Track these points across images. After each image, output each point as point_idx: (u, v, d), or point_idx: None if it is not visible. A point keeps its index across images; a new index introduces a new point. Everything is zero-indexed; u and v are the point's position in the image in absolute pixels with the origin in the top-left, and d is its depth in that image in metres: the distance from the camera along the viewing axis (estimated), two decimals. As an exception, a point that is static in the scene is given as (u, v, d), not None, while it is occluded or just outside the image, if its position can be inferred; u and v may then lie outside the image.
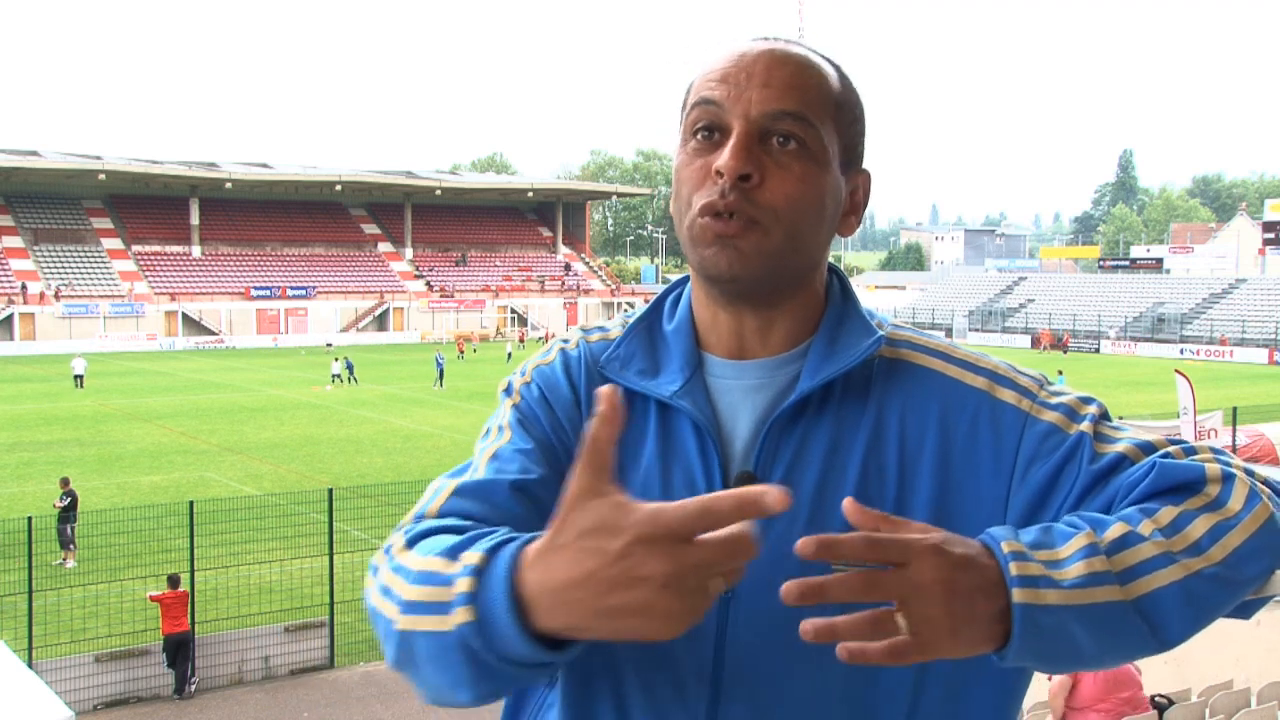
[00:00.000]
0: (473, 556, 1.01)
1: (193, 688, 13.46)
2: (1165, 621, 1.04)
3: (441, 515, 1.19)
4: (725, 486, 1.22)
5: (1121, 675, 6.33)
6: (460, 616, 0.99)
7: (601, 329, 1.39)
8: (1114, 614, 1.02)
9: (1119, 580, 1.03)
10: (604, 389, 0.95)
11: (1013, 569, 1.01)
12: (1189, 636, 1.07)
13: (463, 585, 1.00)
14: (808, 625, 0.96)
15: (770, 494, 0.89)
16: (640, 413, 1.29)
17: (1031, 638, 1.00)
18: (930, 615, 0.97)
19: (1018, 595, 0.99)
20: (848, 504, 0.99)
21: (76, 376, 42.59)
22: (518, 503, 1.21)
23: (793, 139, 1.19)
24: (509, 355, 54.36)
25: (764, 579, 1.18)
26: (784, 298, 1.26)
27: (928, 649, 0.98)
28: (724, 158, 1.18)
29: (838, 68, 1.27)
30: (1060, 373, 37.28)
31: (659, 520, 0.90)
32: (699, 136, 1.22)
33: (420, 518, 1.20)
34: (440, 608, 1.01)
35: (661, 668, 1.22)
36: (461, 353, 56.24)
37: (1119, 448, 1.18)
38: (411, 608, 1.05)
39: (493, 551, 1.00)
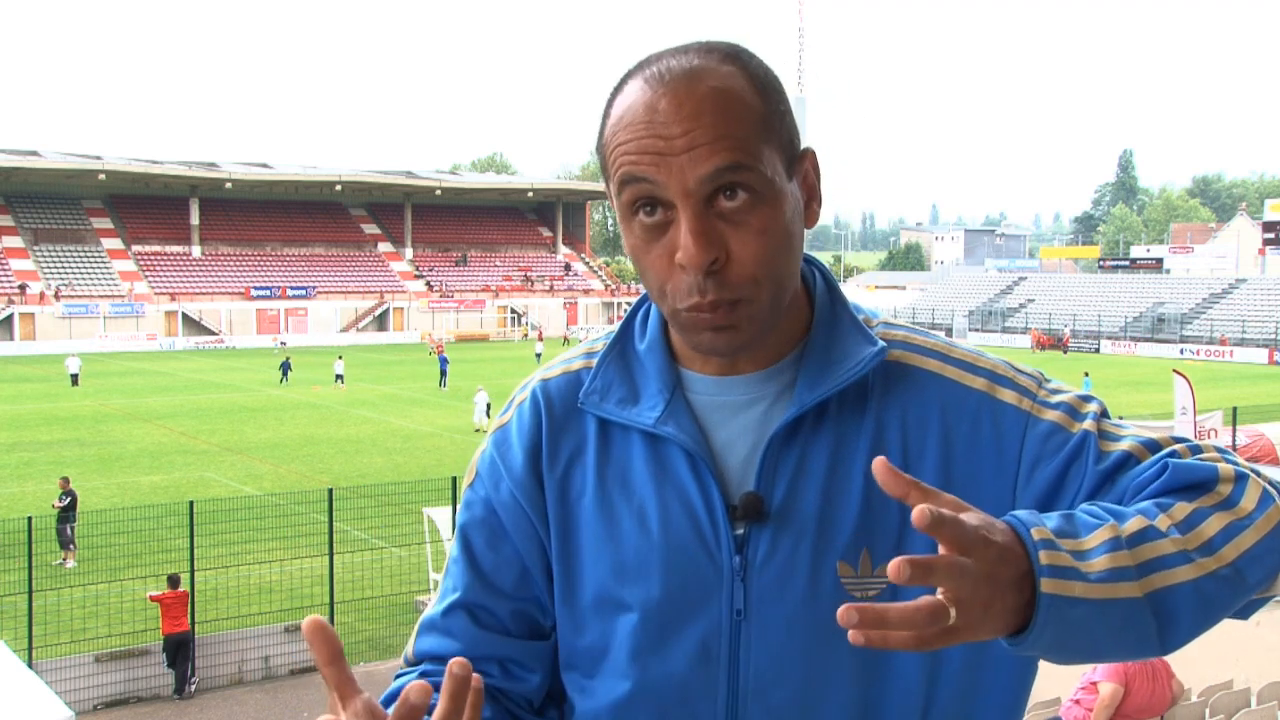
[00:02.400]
0: None
1: (193, 688, 13.46)
2: (1174, 620, 1.02)
3: (417, 658, 1.32)
4: (726, 508, 1.19)
5: (1160, 679, 6.33)
6: None
7: (565, 361, 1.35)
8: (1130, 609, 1.00)
9: (1137, 574, 1.01)
10: (306, 623, 0.96)
11: (1043, 558, 0.97)
12: (1191, 639, 1.05)
13: None
14: (849, 611, 0.89)
15: (412, 690, 0.96)
16: (623, 441, 1.26)
17: (1052, 628, 0.97)
18: (973, 607, 0.92)
19: (1046, 585, 0.96)
20: (879, 463, 0.94)
21: (72, 375, 42.81)
22: (463, 623, 1.30)
23: (740, 189, 1.10)
24: (538, 355, 52.66)
25: (774, 597, 1.18)
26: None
27: (961, 636, 0.93)
28: (684, 250, 1.10)
29: (744, 63, 1.15)
30: (1086, 374, 37.15)
31: None
32: (641, 215, 1.13)
33: (406, 661, 1.34)
34: None
35: (673, 688, 1.21)
36: (435, 352, 56.15)
37: (1124, 446, 1.16)
38: None
39: None
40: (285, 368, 44.46)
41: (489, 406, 29.80)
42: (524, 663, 1.29)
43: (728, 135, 1.09)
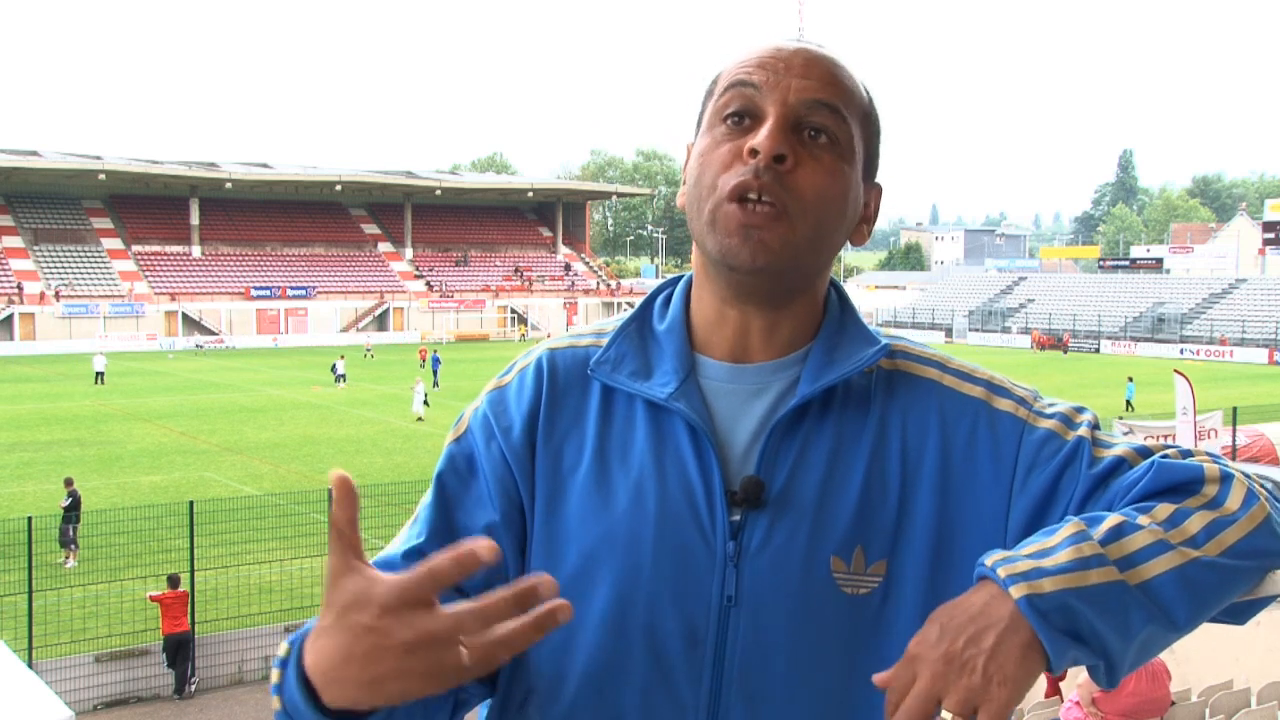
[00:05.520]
0: (282, 647, 1.06)
1: (193, 688, 13.48)
2: (1171, 606, 1.05)
3: None
4: (725, 491, 1.20)
5: (1159, 679, 6.33)
6: (275, 704, 1.06)
7: (574, 337, 1.36)
8: (1118, 596, 1.03)
9: (1117, 566, 1.03)
10: (334, 475, 0.95)
11: (1001, 573, 1.02)
12: (1198, 621, 1.08)
13: (274, 676, 1.06)
14: None
15: (480, 545, 0.93)
16: (627, 415, 1.27)
17: (1049, 631, 1.00)
18: (971, 686, 0.98)
19: (1014, 592, 1.01)
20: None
21: (97, 373, 42.98)
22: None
23: (824, 133, 1.20)
24: None
25: (766, 586, 1.19)
26: (793, 297, 1.25)
27: (1001, 713, 0.98)
28: (760, 137, 1.17)
29: (865, 85, 1.28)
30: (1130, 379, 36.64)
31: (397, 589, 0.93)
32: (729, 122, 1.21)
33: None
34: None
35: (657, 669, 1.21)
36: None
37: (1117, 451, 1.18)
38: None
39: (295, 641, 1.04)
40: (335, 370, 43.26)
41: (427, 396, 32.83)
42: None
43: (836, 84, 1.22)
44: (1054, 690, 8.74)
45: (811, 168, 1.18)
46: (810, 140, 1.19)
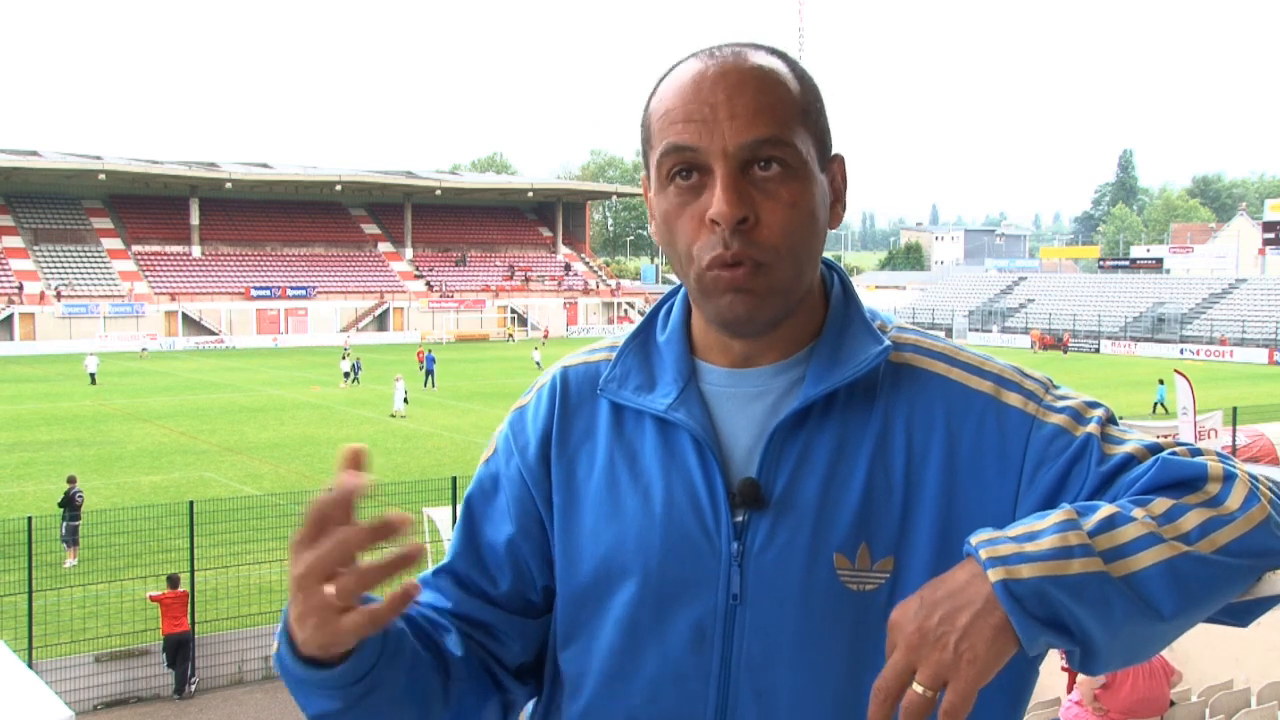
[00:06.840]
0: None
1: (193, 688, 13.48)
2: (1157, 598, 1.04)
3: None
4: (728, 495, 1.22)
5: (1157, 676, 6.32)
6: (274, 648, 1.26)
7: (589, 352, 1.41)
8: (1099, 587, 1.02)
9: (1104, 557, 1.03)
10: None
11: (983, 554, 1.03)
12: (1187, 616, 1.07)
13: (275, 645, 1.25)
14: None
15: (349, 472, 1.08)
16: (636, 426, 1.30)
17: (1021, 616, 1.01)
18: (942, 662, 1.00)
19: (992, 575, 1.02)
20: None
21: (90, 374, 42.89)
22: (450, 586, 1.37)
23: (773, 161, 1.17)
24: (538, 363, 49.39)
25: (771, 585, 1.20)
26: (789, 314, 1.25)
27: (968, 691, 1.00)
28: (716, 205, 1.15)
29: (788, 60, 1.24)
30: (1161, 381, 35.71)
31: (300, 531, 1.10)
32: (678, 180, 1.20)
33: None
34: None
35: (666, 668, 1.23)
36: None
37: (1127, 448, 1.18)
38: None
39: (285, 612, 1.23)
40: (356, 368, 43.32)
41: (406, 394, 33.53)
42: (506, 631, 1.34)
43: (768, 109, 1.17)
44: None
45: (772, 210, 1.17)
46: (762, 173, 1.17)
